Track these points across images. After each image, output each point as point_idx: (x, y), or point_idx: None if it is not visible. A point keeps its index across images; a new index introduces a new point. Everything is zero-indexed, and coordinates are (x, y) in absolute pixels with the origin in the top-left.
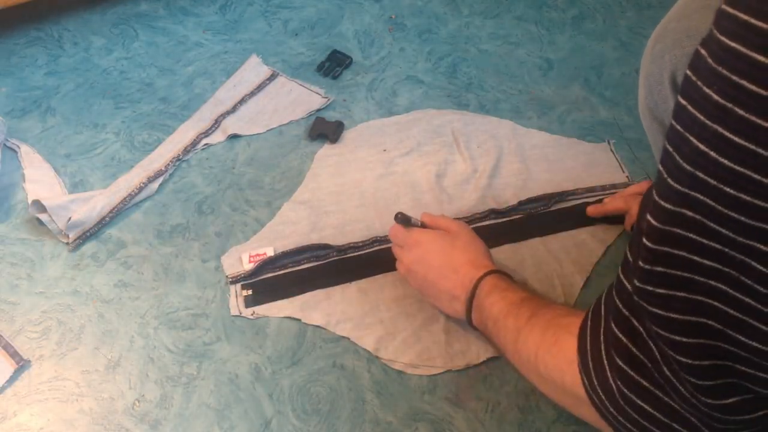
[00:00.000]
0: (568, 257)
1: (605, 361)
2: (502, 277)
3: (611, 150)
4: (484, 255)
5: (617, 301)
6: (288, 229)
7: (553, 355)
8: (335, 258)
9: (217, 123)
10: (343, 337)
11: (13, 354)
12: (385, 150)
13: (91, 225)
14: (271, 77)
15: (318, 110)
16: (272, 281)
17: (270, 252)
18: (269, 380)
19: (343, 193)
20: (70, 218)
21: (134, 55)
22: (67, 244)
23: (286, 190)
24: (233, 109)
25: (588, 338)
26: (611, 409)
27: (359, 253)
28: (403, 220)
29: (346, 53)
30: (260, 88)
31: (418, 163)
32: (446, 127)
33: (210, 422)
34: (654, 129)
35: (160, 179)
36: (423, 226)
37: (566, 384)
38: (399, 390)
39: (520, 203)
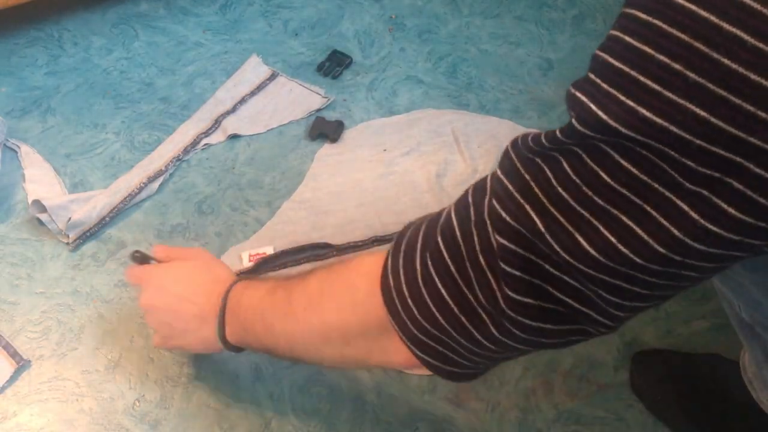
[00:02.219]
0: None
1: (420, 242)
2: (255, 279)
3: None
4: (228, 271)
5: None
6: (288, 228)
7: (342, 278)
8: (335, 257)
9: (217, 123)
10: None
11: (13, 354)
12: (385, 150)
13: (91, 225)
14: (271, 77)
15: (318, 110)
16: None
17: (270, 251)
18: (269, 380)
19: (343, 192)
20: (70, 218)
21: (134, 55)
22: (67, 244)
23: (286, 190)
24: (233, 109)
25: (406, 237)
26: (405, 292)
27: (360, 252)
28: (140, 258)
29: (346, 53)
30: (260, 88)
31: (418, 163)
32: (446, 127)
33: (210, 422)
34: None
35: (160, 179)
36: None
37: (358, 299)
38: (399, 390)
39: None
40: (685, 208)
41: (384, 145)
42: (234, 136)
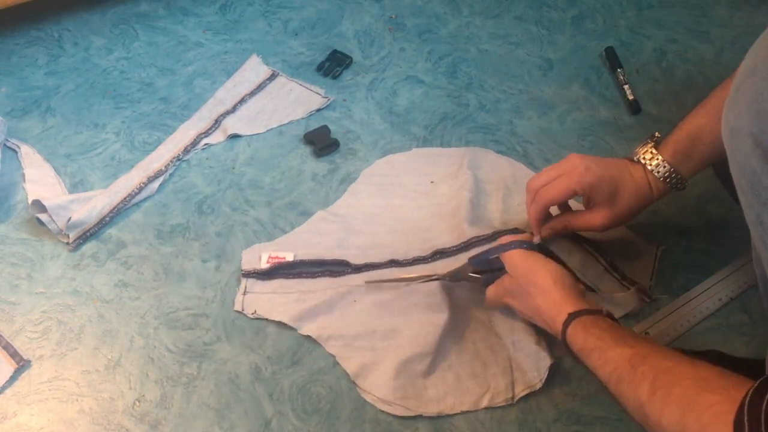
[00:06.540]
0: None
1: None
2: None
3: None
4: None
5: None
6: (315, 239)
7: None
8: (350, 275)
9: (217, 123)
10: None
11: (13, 354)
12: (432, 182)
13: (91, 225)
14: (271, 77)
15: (318, 110)
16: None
17: (290, 257)
18: (269, 380)
19: (378, 215)
20: (70, 218)
21: (134, 55)
22: (67, 244)
23: (286, 190)
24: (233, 109)
25: None
26: None
27: (374, 271)
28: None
29: (346, 53)
30: (260, 87)
31: (456, 193)
32: (494, 174)
33: (210, 422)
34: None
35: (160, 179)
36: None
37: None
38: None
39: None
40: None
41: (432, 176)
42: (234, 136)
